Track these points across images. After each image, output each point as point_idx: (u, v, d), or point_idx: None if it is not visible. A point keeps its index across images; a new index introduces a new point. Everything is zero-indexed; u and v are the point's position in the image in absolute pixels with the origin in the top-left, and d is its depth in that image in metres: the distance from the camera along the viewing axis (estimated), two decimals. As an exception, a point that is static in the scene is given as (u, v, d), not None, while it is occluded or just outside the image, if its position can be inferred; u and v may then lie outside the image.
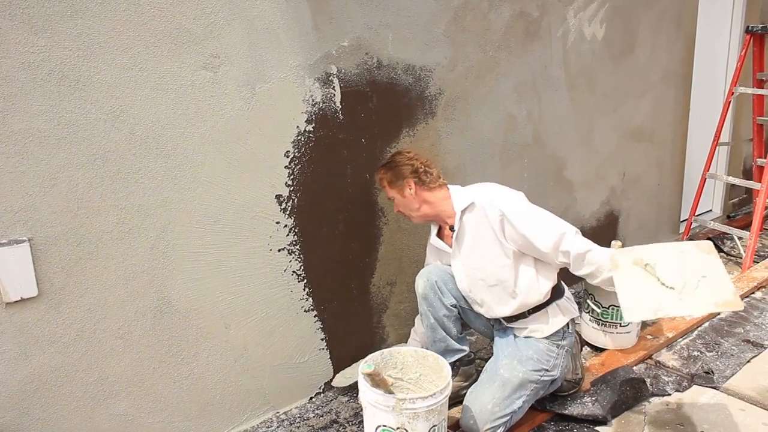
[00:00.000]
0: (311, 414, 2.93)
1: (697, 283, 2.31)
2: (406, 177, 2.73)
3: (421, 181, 2.74)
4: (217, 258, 2.60)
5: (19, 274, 2.13)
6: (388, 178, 2.78)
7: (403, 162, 2.76)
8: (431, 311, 2.83)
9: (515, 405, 2.62)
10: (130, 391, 2.48)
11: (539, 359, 2.68)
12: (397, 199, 2.79)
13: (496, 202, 2.62)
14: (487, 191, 2.70)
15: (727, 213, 5.64)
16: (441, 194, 2.77)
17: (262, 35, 2.55)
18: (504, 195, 2.67)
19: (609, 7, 3.96)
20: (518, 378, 2.62)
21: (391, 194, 2.80)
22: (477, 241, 2.68)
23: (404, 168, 2.74)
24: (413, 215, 2.81)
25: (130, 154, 2.31)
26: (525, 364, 2.65)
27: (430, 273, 2.84)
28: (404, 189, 2.74)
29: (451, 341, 2.87)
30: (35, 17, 2.04)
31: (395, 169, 2.76)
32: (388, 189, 2.81)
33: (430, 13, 3.08)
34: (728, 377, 3.12)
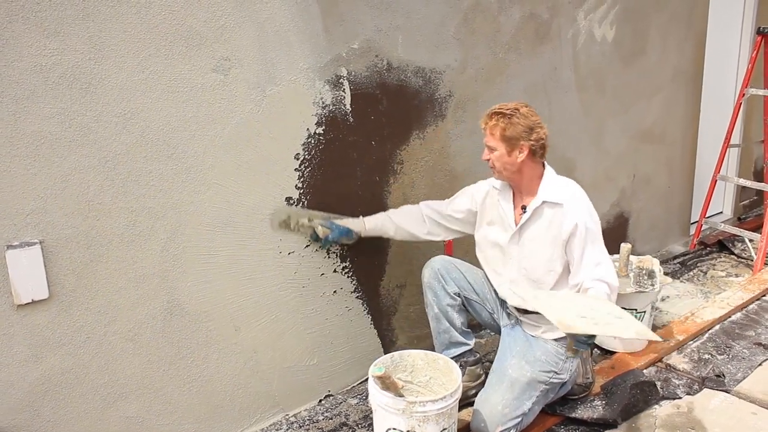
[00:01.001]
0: (321, 417, 2.92)
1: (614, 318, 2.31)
2: (525, 140, 2.56)
3: (533, 152, 2.59)
4: (227, 260, 2.60)
5: (31, 276, 2.14)
6: (507, 131, 2.56)
7: (530, 124, 2.57)
8: (435, 300, 2.84)
9: (525, 407, 2.61)
10: (140, 394, 2.48)
11: (547, 360, 2.67)
12: (498, 152, 2.59)
13: (576, 213, 2.58)
14: (577, 199, 2.65)
15: (737, 215, 5.60)
16: (538, 171, 2.67)
17: (273, 38, 2.56)
18: (585, 208, 2.64)
19: (619, 9, 3.95)
20: (526, 378, 2.61)
21: (495, 144, 2.60)
22: (541, 235, 2.65)
23: (528, 132, 2.56)
24: (503, 173, 2.65)
25: (140, 156, 2.31)
26: (533, 365, 2.64)
27: (433, 262, 2.87)
28: (515, 149, 2.57)
29: (454, 333, 2.87)
30: (47, 20, 2.04)
31: (517, 127, 2.55)
32: (496, 139, 2.59)
33: (440, 16, 3.07)
34: (739, 380, 3.10)
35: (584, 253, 2.58)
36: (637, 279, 3.17)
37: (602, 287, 2.52)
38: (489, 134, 2.61)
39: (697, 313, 3.76)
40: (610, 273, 2.59)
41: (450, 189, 3.28)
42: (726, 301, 3.89)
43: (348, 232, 2.85)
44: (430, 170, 3.21)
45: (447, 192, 3.25)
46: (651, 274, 3.18)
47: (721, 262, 4.74)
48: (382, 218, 2.93)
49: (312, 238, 2.83)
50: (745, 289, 4.07)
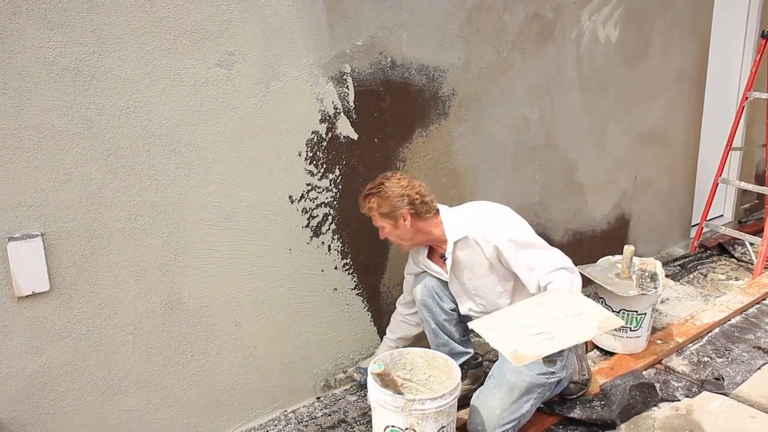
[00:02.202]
0: (319, 413, 2.92)
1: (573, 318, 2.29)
2: (401, 209, 2.58)
3: (416, 213, 2.61)
4: (228, 255, 2.60)
5: (32, 269, 2.14)
6: (380, 210, 2.61)
7: (398, 193, 2.58)
8: (431, 316, 2.83)
9: (523, 409, 2.61)
10: (140, 387, 2.48)
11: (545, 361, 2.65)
12: (387, 229, 2.66)
13: (489, 236, 2.57)
14: (479, 222, 2.62)
15: (738, 218, 5.60)
16: (435, 221, 2.68)
17: (277, 33, 2.55)
18: (495, 225, 2.60)
19: (623, 10, 3.94)
20: (525, 383, 2.60)
21: (380, 224, 2.66)
22: (474, 270, 2.68)
23: (399, 200, 2.58)
24: (405, 244, 2.73)
25: (143, 150, 2.31)
26: (531, 368, 2.62)
27: (427, 279, 2.83)
28: (398, 221, 2.61)
29: (454, 344, 2.87)
30: (51, 12, 2.04)
31: (388, 201, 2.58)
32: (378, 219, 2.65)
33: (445, 14, 3.07)
34: (738, 384, 3.10)
35: (522, 261, 2.55)
36: (639, 281, 3.17)
37: (559, 275, 2.50)
38: (372, 216, 2.67)
39: (697, 315, 3.76)
40: (557, 258, 2.55)
41: (452, 187, 3.29)
42: (726, 305, 3.89)
43: None
44: (433, 168, 3.21)
45: (449, 190, 3.26)
46: (653, 277, 3.17)
47: (722, 265, 4.74)
48: (392, 344, 3.05)
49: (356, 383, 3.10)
50: (745, 292, 4.07)
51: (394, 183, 2.61)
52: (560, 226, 3.99)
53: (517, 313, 2.42)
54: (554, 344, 2.19)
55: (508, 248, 2.55)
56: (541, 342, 2.20)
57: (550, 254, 2.58)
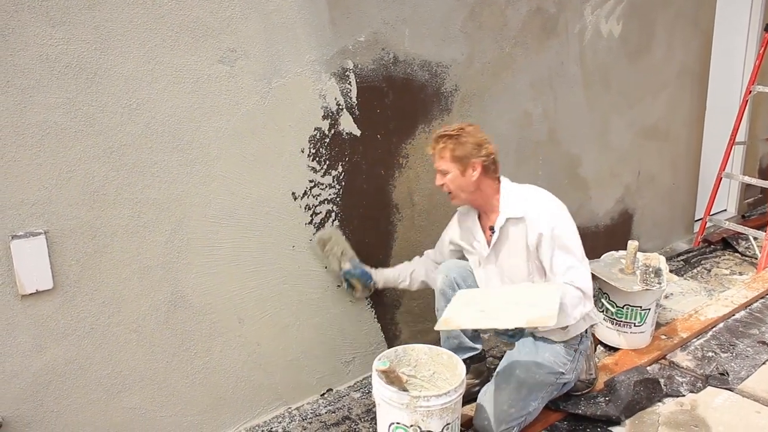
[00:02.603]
0: (323, 410, 2.92)
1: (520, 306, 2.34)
2: (476, 157, 2.54)
3: (486, 168, 2.58)
4: (231, 252, 2.60)
5: (35, 267, 2.13)
6: (455, 152, 2.54)
7: (477, 141, 2.55)
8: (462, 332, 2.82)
9: (530, 407, 2.61)
10: (144, 385, 2.48)
11: (556, 362, 2.66)
12: (451, 175, 2.58)
13: (540, 223, 2.53)
14: (537, 207, 2.58)
15: (742, 213, 5.58)
16: (495, 187, 2.65)
17: (279, 29, 2.54)
18: (550, 216, 2.56)
19: (626, 4, 3.93)
20: (534, 380, 2.61)
21: (447, 166, 2.58)
22: (514, 252, 2.64)
23: (477, 149, 2.54)
24: (460, 196, 2.64)
25: (146, 147, 2.30)
26: (541, 367, 2.63)
27: (449, 269, 2.81)
28: (467, 169, 2.55)
29: (464, 339, 2.86)
30: (53, 9, 2.03)
31: (466, 146, 2.53)
32: (446, 161, 2.57)
33: (447, 9, 3.06)
34: (743, 379, 3.09)
35: (553, 259, 2.54)
36: (643, 277, 3.16)
37: (569, 290, 2.48)
38: (439, 158, 2.60)
39: (701, 310, 3.75)
40: (581, 277, 2.53)
41: (455, 183, 3.27)
42: (730, 299, 3.88)
43: (368, 277, 2.92)
44: (436, 164, 3.20)
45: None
46: (658, 272, 3.16)
47: (725, 259, 4.73)
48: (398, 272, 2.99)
49: (330, 267, 2.90)
50: (749, 287, 4.06)
51: (474, 131, 2.58)
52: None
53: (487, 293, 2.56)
54: (480, 322, 2.31)
55: (547, 241, 2.52)
56: (474, 318, 2.32)
57: (578, 268, 2.54)
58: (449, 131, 2.58)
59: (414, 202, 3.15)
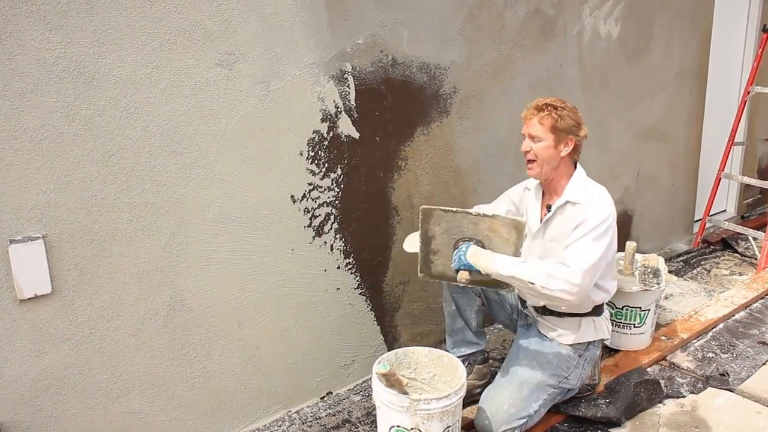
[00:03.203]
0: (323, 413, 2.92)
1: None
2: (573, 135, 2.56)
3: (576, 149, 2.60)
4: (230, 256, 2.59)
5: (34, 271, 2.13)
6: (559, 123, 2.53)
7: (578, 120, 2.58)
8: (454, 298, 2.82)
9: (531, 408, 2.60)
10: (143, 389, 2.47)
11: (559, 365, 2.65)
12: (544, 144, 2.55)
13: (593, 210, 2.51)
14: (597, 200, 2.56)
15: (741, 213, 5.59)
16: (570, 170, 2.65)
17: (278, 32, 2.54)
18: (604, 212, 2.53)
19: (624, 5, 3.93)
20: (536, 379, 2.60)
21: (543, 134, 2.55)
22: (562, 233, 2.60)
23: (577, 127, 2.57)
24: (542, 168, 2.60)
25: (144, 151, 2.30)
26: (545, 368, 2.63)
27: (454, 298, 2.83)
28: (561, 143, 2.55)
29: (468, 333, 2.87)
30: (51, 13, 2.03)
31: (570, 120, 2.55)
32: (545, 129, 2.54)
33: (446, 11, 3.05)
34: (744, 379, 3.08)
35: (576, 240, 2.48)
36: (642, 277, 3.16)
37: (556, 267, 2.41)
38: (537, 124, 2.55)
39: (701, 311, 3.74)
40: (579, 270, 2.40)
41: (454, 185, 3.28)
42: (730, 300, 3.88)
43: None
44: (435, 166, 3.20)
45: (451, 188, 3.25)
46: (656, 273, 3.16)
47: (725, 260, 4.73)
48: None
49: None
50: (749, 287, 4.06)
51: (575, 110, 2.61)
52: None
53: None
54: None
55: (584, 224, 2.48)
56: None
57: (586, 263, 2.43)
58: (554, 102, 2.58)
59: (413, 204, 3.15)
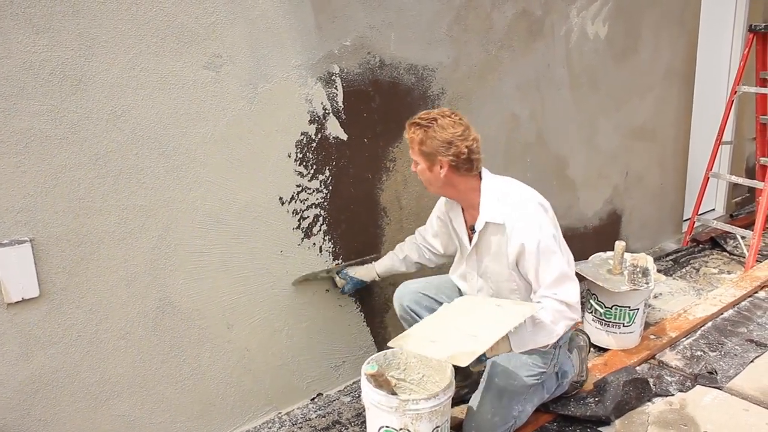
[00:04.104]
0: (313, 415, 2.92)
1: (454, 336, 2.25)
2: (441, 155, 2.36)
3: (456, 167, 2.39)
4: (219, 258, 2.59)
5: (21, 275, 2.13)
6: (421, 147, 2.39)
7: (445, 139, 2.34)
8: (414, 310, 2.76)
9: (515, 411, 2.59)
10: (132, 392, 2.47)
11: (534, 364, 2.59)
12: (420, 167, 2.45)
13: (524, 231, 2.39)
14: (520, 215, 2.43)
15: (729, 212, 5.62)
16: (472, 184, 2.48)
17: (265, 35, 2.54)
18: (537, 225, 2.41)
19: (612, 6, 3.95)
20: (513, 386, 2.57)
21: (415, 158, 2.45)
22: (494, 255, 2.54)
23: (444, 147, 2.35)
24: (430, 189, 2.52)
25: (131, 154, 2.30)
26: (519, 370, 2.58)
27: (402, 297, 2.78)
28: (434, 166, 2.40)
29: None
30: (37, 17, 2.03)
31: (433, 142, 2.35)
32: (415, 153, 2.44)
33: (433, 13, 3.06)
34: (732, 377, 3.10)
35: (539, 271, 2.41)
36: (631, 277, 3.18)
37: (551, 304, 2.39)
38: (410, 146, 2.47)
39: (690, 310, 3.77)
40: (568, 290, 2.41)
41: (443, 186, 3.28)
42: (718, 298, 3.90)
43: (361, 284, 2.95)
44: (423, 168, 3.20)
45: (440, 189, 3.25)
46: (645, 272, 3.18)
47: (714, 259, 4.75)
48: (390, 260, 2.94)
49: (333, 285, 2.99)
50: (737, 286, 4.08)
51: (447, 125, 2.36)
52: (552, 223, 3.99)
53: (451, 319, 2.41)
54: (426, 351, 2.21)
55: (532, 254, 2.39)
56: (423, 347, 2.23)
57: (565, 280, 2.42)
58: (422, 120, 2.39)
59: (402, 205, 3.16)
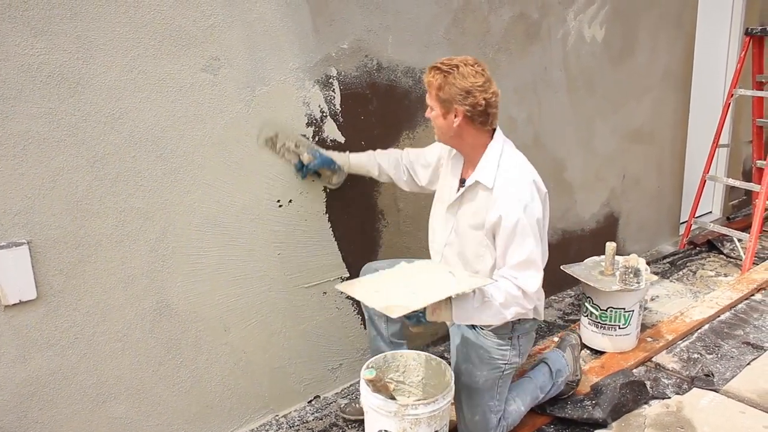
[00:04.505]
0: (311, 417, 2.92)
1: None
2: (459, 104, 2.29)
3: (471, 118, 2.32)
4: (216, 261, 2.59)
5: (18, 277, 2.12)
6: (441, 91, 2.31)
7: (465, 87, 2.27)
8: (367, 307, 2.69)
9: (493, 406, 2.58)
10: (129, 394, 2.47)
11: (492, 357, 2.53)
12: (434, 113, 2.37)
13: (508, 204, 2.31)
14: (510, 187, 2.34)
15: (726, 215, 5.63)
16: (481, 140, 2.40)
17: (262, 37, 2.55)
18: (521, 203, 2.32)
19: (609, 9, 3.96)
20: (478, 383, 2.54)
21: (431, 103, 2.37)
22: (472, 217, 2.45)
23: (462, 95, 2.28)
24: (441, 137, 2.44)
25: (129, 156, 2.30)
26: (480, 368, 2.54)
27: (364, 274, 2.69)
28: (450, 113, 2.32)
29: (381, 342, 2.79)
30: (35, 19, 2.03)
31: (451, 88, 2.28)
32: (431, 98, 2.36)
33: (430, 16, 3.07)
34: (728, 380, 3.11)
35: (508, 249, 2.33)
36: (622, 277, 3.19)
37: (508, 286, 2.32)
38: (428, 90, 2.38)
39: (687, 312, 3.77)
40: (530, 278, 2.34)
41: (440, 189, 3.28)
42: (715, 301, 3.91)
43: (331, 162, 2.73)
44: (421, 170, 3.21)
45: (437, 192, 3.26)
46: (637, 273, 3.19)
47: (711, 261, 4.76)
48: (367, 156, 2.80)
49: (296, 167, 2.73)
50: (733, 288, 4.09)
51: (469, 74, 2.28)
52: (549, 226, 3.96)
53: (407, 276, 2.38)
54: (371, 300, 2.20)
55: (506, 227, 2.31)
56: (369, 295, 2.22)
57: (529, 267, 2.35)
58: (443, 65, 2.32)
59: (399, 208, 3.16)
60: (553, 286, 4.12)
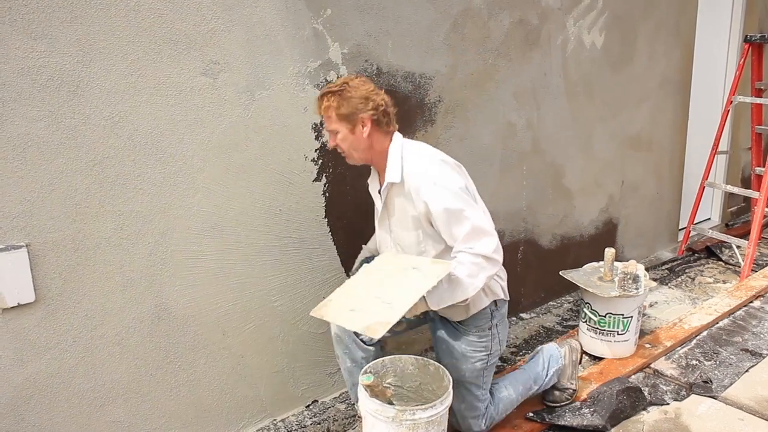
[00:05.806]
0: (308, 422, 2.91)
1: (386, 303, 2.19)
2: (362, 112, 2.35)
3: (377, 122, 2.39)
4: (215, 265, 2.59)
5: (17, 280, 2.12)
6: (339, 110, 2.35)
7: (362, 94, 2.36)
8: (347, 354, 2.60)
9: (478, 393, 2.63)
10: (127, 398, 2.46)
11: (474, 350, 2.58)
12: (341, 134, 2.40)
13: (427, 192, 2.34)
14: (417, 174, 2.37)
15: (725, 221, 5.64)
16: (386, 144, 2.45)
17: (262, 42, 2.55)
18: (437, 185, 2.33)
19: (608, 16, 3.97)
20: (464, 378, 2.60)
21: (335, 127, 2.39)
22: (401, 219, 2.49)
23: (362, 102, 2.35)
24: (354, 155, 2.46)
25: (128, 160, 2.30)
26: (463, 362, 2.59)
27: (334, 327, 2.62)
28: (357, 126, 2.37)
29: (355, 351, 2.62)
30: (35, 23, 2.03)
31: (350, 101, 2.34)
32: (334, 121, 2.39)
33: (430, 21, 3.08)
34: (726, 386, 3.11)
35: (451, 228, 2.34)
36: (621, 283, 3.19)
37: (467, 258, 2.31)
38: (326, 118, 2.42)
39: (685, 319, 3.77)
40: (484, 243, 2.33)
41: (439, 194, 3.28)
42: (713, 308, 3.91)
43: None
44: (420, 175, 3.21)
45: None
46: (636, 279, 3.19)
47: (709, 268, 4.76)
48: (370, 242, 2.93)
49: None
50: (732, 295, 4.09)
51: (359, 84, 2.38)
52: (548, 232, 4.00)
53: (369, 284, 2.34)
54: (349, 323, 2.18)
55: (440, 216, 2.34)
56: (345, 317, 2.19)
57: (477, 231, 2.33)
58: (332, 87, 2.38)
59: (398, 212, 3.16)
60: (551, 291, 4.13)
